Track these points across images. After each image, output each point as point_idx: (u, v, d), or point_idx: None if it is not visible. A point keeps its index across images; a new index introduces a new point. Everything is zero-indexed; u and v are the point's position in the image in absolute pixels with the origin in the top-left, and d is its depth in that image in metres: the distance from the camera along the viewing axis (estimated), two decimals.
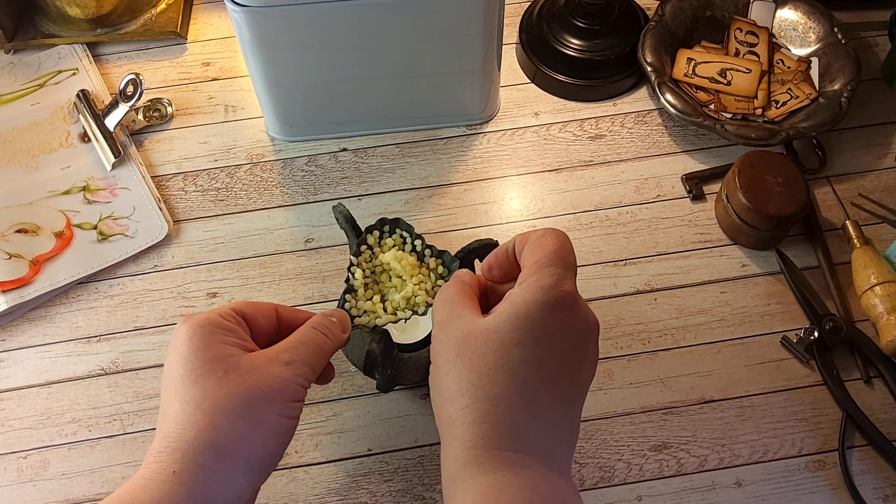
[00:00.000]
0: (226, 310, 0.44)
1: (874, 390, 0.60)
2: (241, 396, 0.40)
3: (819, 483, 0.57)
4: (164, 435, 0.40)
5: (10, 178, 0.71)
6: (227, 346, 0.42)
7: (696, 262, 0.66)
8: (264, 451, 0.41)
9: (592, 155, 0.72)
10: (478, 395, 0.38)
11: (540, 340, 0.39)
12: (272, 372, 0.42)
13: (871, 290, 0.61)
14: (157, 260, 0.68)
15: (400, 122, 0.73)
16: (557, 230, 0.43)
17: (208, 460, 0.39)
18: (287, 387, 0.42)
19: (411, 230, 0.52)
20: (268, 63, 0.64)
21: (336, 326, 0.46)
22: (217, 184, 0.71)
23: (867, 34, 0.79)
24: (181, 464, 0.39)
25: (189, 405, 0.40)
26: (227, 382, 0.40)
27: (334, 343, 0.46)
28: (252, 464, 0.40)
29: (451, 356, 0.40)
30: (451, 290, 0.44)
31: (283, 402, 0.41)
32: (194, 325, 0.42)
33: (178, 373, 0.41)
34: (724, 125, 0.68)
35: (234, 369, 0.41)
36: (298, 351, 0.43)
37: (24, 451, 0.60)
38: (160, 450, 0.40)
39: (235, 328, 0.43)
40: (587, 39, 0.75)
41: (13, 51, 0.79)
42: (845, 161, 0.71)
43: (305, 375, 0.43)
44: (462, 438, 0.38)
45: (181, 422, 0.40)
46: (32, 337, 0.64)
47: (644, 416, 0.60)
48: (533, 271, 0.41)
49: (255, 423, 0.40)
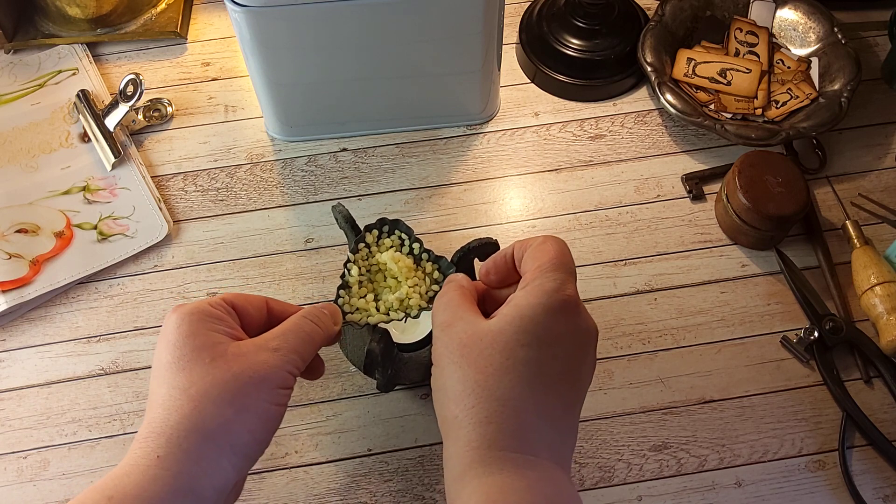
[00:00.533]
0: (216, 300, 0.44)
1: (874, 390, 0.60)
2: (228, 382, 0.40)
3: (819, 483, 0.57)
4: (150, 420, 0.40)
5: (10, 178, 0.71)
6: (215, 334, 0.42)
7: (696, 262, 0.66)
8: (250, 437, 0.41)
9: (592, 155, 0.72)
10: (483, 395, 0.38)
11: (544, 343, 0.39)
12: (260, 358, 0.42)
13: (871, 290, 0.61)
14: (157, 260, 0.68)
15: (400, 122, 0.73)
16: (557, 237, 0.43)
17: (192, 445, 0.39)
18: (274, 373, 0.42)
19: (410, 232, 0.52)
20: (268, 63, 0.64)
21: (327, 317, 0.46)
22: (217, 184, 0.71)
23: (867, 34, 0.79)
24: (165, 448, 0.39)
25: (175, 391, 0.40)
26: (214, 369, 0.41)
27: (324, 333, 0.46)
28: (237, 449, 0.40)
29: (455, 357, 0.40)
30: (452, 294, 0.44)
31: (271, 389, 0.41)
32: (184, 313, 0.42)
33: (165, 360, 0.41)
34: (724, 125, 0.68)
35: (221, 356, 0.41)
36: (287, 339, 0.43)
37: (24, 451, 0.60)
38: (145, 435, 0.40)
39: (224, 317, 0.43)
40: (587, 39, 0.75)
41: (13, 51, 0.79)
42: (845, 161, 0.71)
43: (294, 363, 0.43)
44: (468, 439, 0.38)
45: (167, 407, 0.40)
46: (32, 337, 0.64)
47: (644, 416, 0.60)
48: (536, 276, 0.41)
49: (241, 408, 0.40)
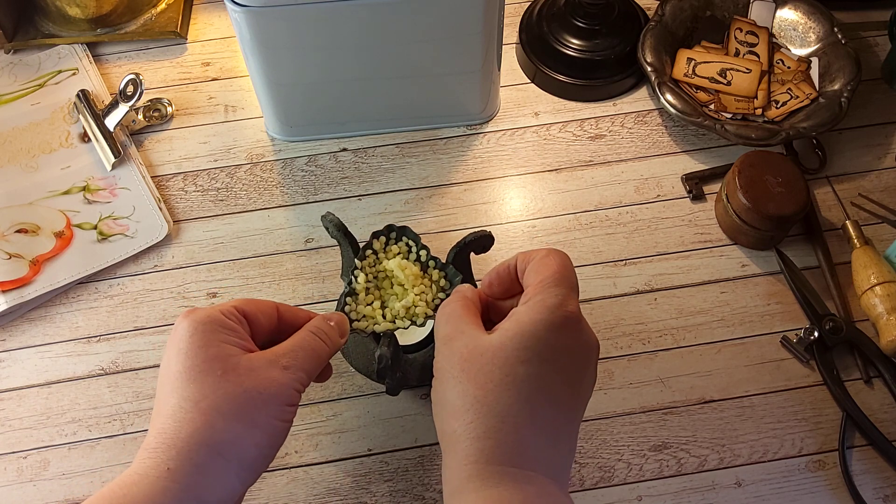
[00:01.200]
0: (228, 307, 0.44)
1: (874, 390, 0.60)
2: (238, 397, 0.41)
3: (819, 483, 0.57)
4: (160, 431, 0.40)
5: (10, 178, 0.71)
6: (227, 346, 0.42)
7: (696, 262, 0.66)
8: (257, 451, 0.41)
9: (592, 155, 0.72)
10: (483, 410, 0.38)
11: (545, 359, 0.39)
12: (270, 375, 0.42)
13: (870, 290, 0.61)
14: (157, 260, 0.68)
15: (400, 122, 0.73)
16: (560, 251, 0.43)
17: (203, 458, 0.39)
18: (283, 391, 0.42)
19: (417, 239, 0.52)
20: (268, 63, 0.64)
21: (334, 331, 0.47)
22: (217, 184, 0.71)
23: (867, 34, 0.79)
24: (176, 461, 0.39)
25: (186, 402, 0.40)
26: (226, 382, 0.41)
27: (331, 349, 0.46)
28: (245, 463, 0.41)
29: (455, 372, 0.40)
30: (454, 306, 0.44)
31: (279, 406, 0.42)
32: (196, 321, 0.43)
33: (176, 369, 0.42)
34: (724, 125, 0.68)
35: (232, 370, 0.41)
36: (297, 356, 0.44)
37: (24, 451, 0.60)
38: (155, 446, 0.40)
39: (236, 327, 0.44)
40: (587, 39, 0.75)
41: (13, 51, 0.79)
42: (845, 161, 0.71)
43: (301, 380, 0.43)
44: (466, 453, 0.38)
45: (178, 419, 0.40)
46: (32, 337, 0.64)
47: (644, 416, 0.60)
48: (538, 290, 0.41)
49: (250, 424, 0.41)
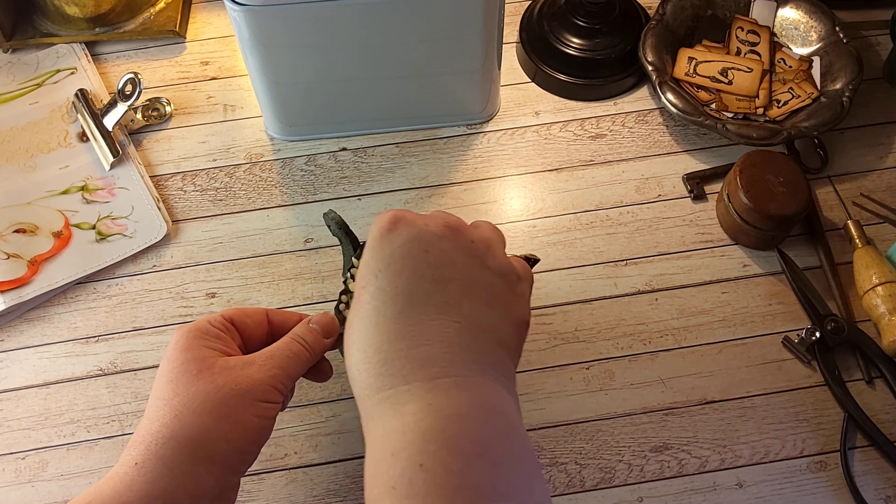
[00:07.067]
0: (216, 317, 0.46)
1: (876, 391, 0.60)
2: (209, 393, 0.42)
3: (821, 484, 0.57)
4: (136, 431, 0.43)
5: (9, 178, 0.71)
6: (206, 350, 0.44)
7: (698, 263, 0.66)
8: (228, 446, 0.42)
9: (593, 154, 0.72)
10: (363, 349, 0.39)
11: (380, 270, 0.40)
12: (245, 373, 0.44)
13: (872, 291, 0.61)
14: (155, 260, 0.67)
15: (400, 121, 0.73)
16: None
17: (169, 452, 0.41)
18: (257, 386, 0.43)
19: None
20: (267, 62, 0.64)
21: (316, 334, 0.48)
22: (216, 183, 0.71)
23: (869, 33, 0.79)
24: (143, 455, 0.41)
25: (160, 401, 0.43)
26: (199, 381, 0.42)
27: (312, 351, 0.47)
28: (216, 458, 0.42)
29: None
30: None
31: (252, 401, 0.43)
32: (183, 331, 0.45)
33: (159, 373, 0.44)
34: (726, 124, 0.68)
35: (207, 369, 0.43)
36: (273, 355, 0.45)
37: (23, 451, 0.59)
38: (130, 445, 0.42)
39: (222, 335, 0.46)
40: (588, 38, 0.74)
41: (11, 50, 0.79)
42: (847, 161, 0.71)
43: (278, 378, 0.44)
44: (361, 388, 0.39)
45: (150, 417, 0.42)
46: (31, 337, 0.64)
47: (645, 417, 0.59)
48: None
49: (220, 418, 0.42)
